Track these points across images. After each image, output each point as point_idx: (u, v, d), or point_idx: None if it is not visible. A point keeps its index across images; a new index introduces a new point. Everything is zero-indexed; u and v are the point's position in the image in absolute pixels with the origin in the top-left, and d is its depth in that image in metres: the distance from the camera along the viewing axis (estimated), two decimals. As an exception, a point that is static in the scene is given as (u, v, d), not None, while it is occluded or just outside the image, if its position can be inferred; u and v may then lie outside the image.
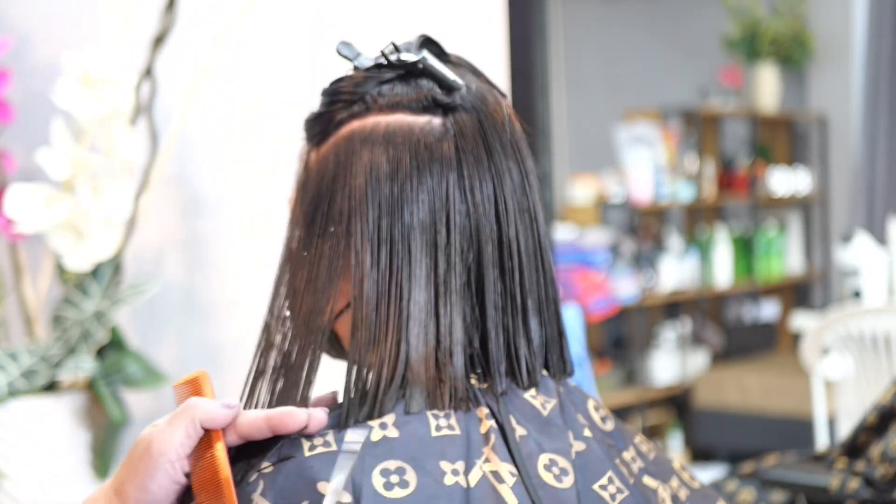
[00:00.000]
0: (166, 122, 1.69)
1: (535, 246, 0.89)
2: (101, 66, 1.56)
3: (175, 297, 1.82)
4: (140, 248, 1.76)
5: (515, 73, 1.91)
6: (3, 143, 1.64)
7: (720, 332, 5.60)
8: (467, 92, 0.88)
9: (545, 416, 0.86)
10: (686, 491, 0.93)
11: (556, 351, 0.91)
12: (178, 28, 1.63)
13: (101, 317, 1.57)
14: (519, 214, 0.88)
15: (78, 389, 1.59)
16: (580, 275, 4.57)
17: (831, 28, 5.90)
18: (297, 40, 1.84)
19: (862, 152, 5.72)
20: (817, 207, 6.05)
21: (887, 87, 5.62)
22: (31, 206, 1.53)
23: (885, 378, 3.07)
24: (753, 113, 5.67)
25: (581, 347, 2.49)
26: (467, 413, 0.83)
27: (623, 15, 5.69)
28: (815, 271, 6.02)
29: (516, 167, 0.89)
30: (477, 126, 0.88)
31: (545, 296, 0.89)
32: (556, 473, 0.83)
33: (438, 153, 0.86)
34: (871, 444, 1.71)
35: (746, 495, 1.84)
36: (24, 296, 1.63)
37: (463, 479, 0.79)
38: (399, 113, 0.88)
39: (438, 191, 0.85)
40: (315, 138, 0.91)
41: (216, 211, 1.84)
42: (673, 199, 5.20)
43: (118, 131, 1.58)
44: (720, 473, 3.87)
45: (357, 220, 0.86)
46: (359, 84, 0.89)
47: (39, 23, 1.75)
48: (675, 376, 5.14)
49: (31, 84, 1.71)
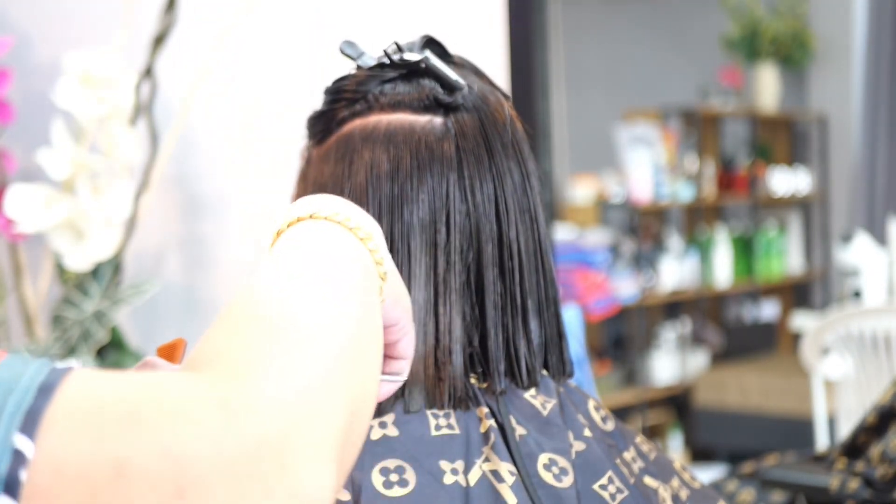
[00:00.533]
0: (166, 122, 1.69)
1: (535, 246, 0.89)
2: (101, 66, 1.56)
3: (175, 297, 1.82)
4: (140, 248, 1.76)
5: (515, 73, 1.91)
6: (3, 143, 1.64)
7: (720, 332, 5.60)
8: (469, 92, 0.88)
9: (545, 416, 0.86)
10: (687, 491, 0.94)
11: (555, 352, 0.91)
12: (178, 28, 1.63)
13: (101, 317, 1.57)
14: (519, 215, 0.88)
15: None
16: (580, 275, 4.57)
17: (831, 28, 5.90)
18: (297, 40, 1.84)
19: (862, 152, 5.72)
20: (817, 207, 6.05)
21: (887, 87, 5.62)
22: (31, 206, 1.53)
23: (885, 378, 3.07)
24: (753, 113, 5.67)
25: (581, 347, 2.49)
26: (467, 412, 0.83)
27: (623, 15, 5.69)
28: (815, 271, 6.02)
29: (517, 168, 0.89)
30: (478, 126, 0.88)
31: (545, 296, 0.90)
32: (556, 473, 0.83)
33: (439, 153, 0.86)
34: (871, 444, 1.71)
35: (746, 495, 1.84)
36: (24, 296, 1.63)
37: (462, 479, 0.80)
38: (401, 112, 0.88)
39: (439, 190, 0.86)
40: (317, 136, 0.91)
41: (216, 211, 1.84)
42: (673, 199, 5.20)
43: (118, 131, 1.58)
44: (720, 473, 3.87)
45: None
46: (361, 83, 0.89)
47: (39, 23, 1.75)
48: (675, 376, 5.14)
49: (31, 84, 1.71)
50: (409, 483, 0.78)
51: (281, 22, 1.84)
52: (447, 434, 0.82)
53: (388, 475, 0.78)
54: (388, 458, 0.79)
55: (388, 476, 0.78)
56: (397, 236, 0.85)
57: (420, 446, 0.80)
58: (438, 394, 0.83)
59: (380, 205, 0.85)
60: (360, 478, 0.77)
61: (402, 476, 0.78)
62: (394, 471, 0.78)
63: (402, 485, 0.78)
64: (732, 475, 1.92)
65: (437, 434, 0.81)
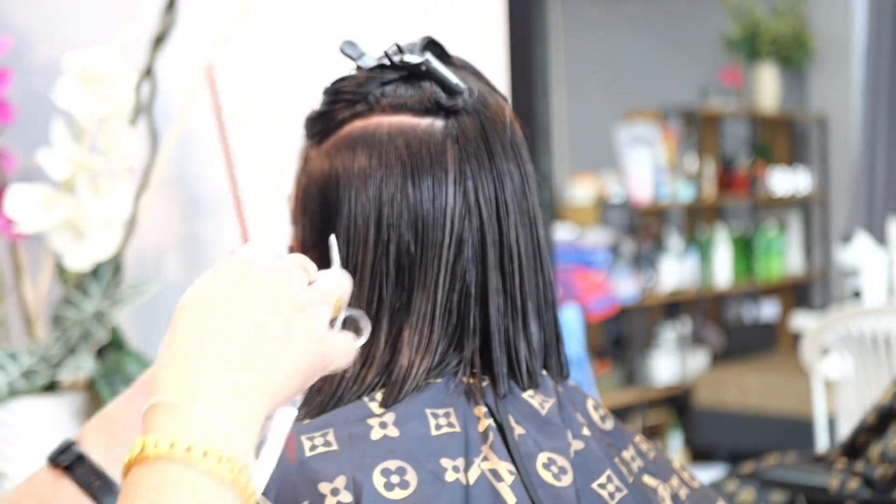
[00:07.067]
0: (166, 122, 1.69)
1: (534, 249, 0.89)
2: (101, 66, 1.56)
3: (175, 297, 1.81)
4: (140, 248, 1.76)
5: (515, 73, 1.91)
6: (3, 143, 1.64)
7: (720, 332, 5.60)
8: (469, 95, 0.88)
9: (543, 416, 0.86)
10: (686, 490, 0.94)
11: (554, 353, 0.91)
12: (178, 28, 1.63)
13: (101, 317, 1.57)
14: (519, 217, 0.88)
15: (78, 389, 1.59)
16: (580, 275, 4.57)
17: (831, 28, 5.90)
18: (298, 40, 1.84)
19: (862, 152, 5.72)
20: (817, 207, 6.05)
21: (887, 87, 5.62)
22: (31, 206, 1.53)
23: (885, 378, 3.07)
24: (753, 113, 5.67)
25: (581, 347, 2.49)
26: (466, 411, 0.83)
27: (623, 15, 5.69)
28: (815, 271, 6.02)
29: (517, 170, 0.89)
30: (479, 129, 0.88)
31: (544, 299, 0.90)
32: (555, 472, 0.83)
33: (441, 156, 0.86)
34: (871, 444, 1.71)
35: (746, 495, 1.84)
36: (24, 296, 1.63)
37: (463, 477, 0.80)
38: (401, 114, 0.88)
39: (440, 193, 0.86)
40: (316, 137, 0.91)
41: (216, 211, 1.84)
42: (673, 199, 5.19)
43: (118, 131, 1.58)
44: (720, 473, 3.87)
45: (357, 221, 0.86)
46: (361, 84, 0.89)
47: (39, 23, 1.75)
48: (675, 376, 5.14)
49: (31, 84, 1.71)
50: (411, 485, 0.78)
51: (281, 22, 1.84)
52: (447, 432, 0.82)
53: (389, 476, 0.78)
54: (389, 459, 0.79)
55: (389, 477, 0.78)
56: (399, 238, 0.85)
57: (421, 446, 0.80)
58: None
59: (380, 208, 0.85)
60: (361, 479, 0.77)
61: (404, 477, 0.78)
62: (395, 472, 0.78)
63: (404, 486, 0.78)
64: (732, 475, 1.92)
65: (437, 434, 0.81)
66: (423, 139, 0.86)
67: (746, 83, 5.80)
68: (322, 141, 0.90)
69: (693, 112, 5.34)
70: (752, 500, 1.83)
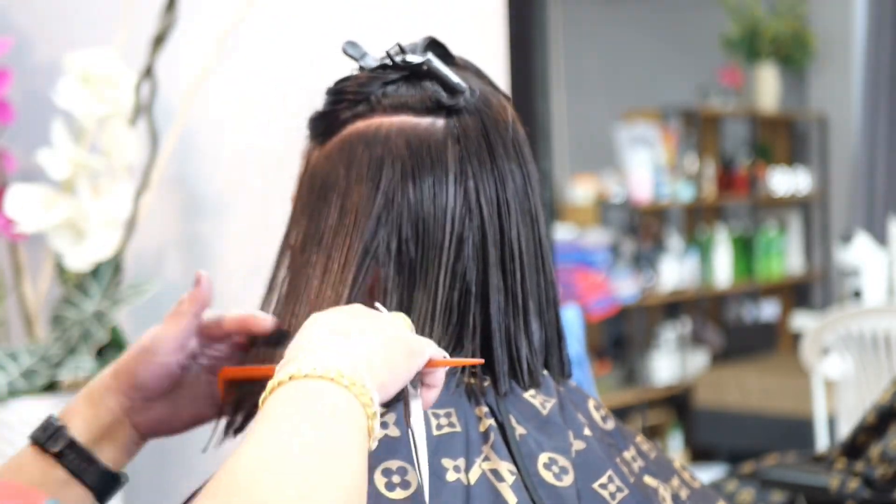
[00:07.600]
0: (166, 122, 1.69)
1: (536, 248, 0.89)
2: (101, 66, 1.56)
3: (175, 297, 1.81)
4: (140, 248, 1.76)
5: (515, 74, 1.91)
6: (3, 143, 1.64)
7: (720, 332, 5.60)
8: (471, 94, 0.88)
9: (544, 416, 0.86)
10: (686, 490, 0.94)
11: (555, 352, 0.91)
12: (178, 28, 1.63)
13: (101, 317, 1.56)
14: (521, 216, 0.88)
15: (78, 389, 1.59)
16: (580, 275, 4.57)
17: (831, 28, 5.90)
18: (298, 40, 1.84)
19: (862, 152, 5.72)
20: (817, 207, 6.05)
21: (887, 87, 5.62)
22: (31, 206, 1.53)
23: (885, 378, 3.07)
24: (753, 113, 5.67)
25: (581, 347, 2.49)
26: (467, 411, 0.83)
27: (623, 15, 5.69)
28: (815, 271, 6.02)
29: (519, 170, 0.89)
30: (480, 128, 0.88)
31: (545, 297, 0.90)
32: (556, 472, 0.83)
33: (442, 155, 0.86)
34: (871, 444, 1.71)
35: (746, 495, 1.84)
36: (24, 296, 1.63)
37: (464, 476, 0.80)
38: (403, 114, 0.87)
39: (441, 192, 0.86)
40: (318, 137, 0.91)
41: (216, 211, 1.84)
42: (673, 199, 5.20)
43: (118, 131, 1.58)
44: (720, 473, 3.87)
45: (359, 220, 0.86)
46: (363, 84, 0.89)
47: (40, 23, 1.75)
48: (675, 376, 5.14)
49: (31, 84, 1.71)
50: (411, 484, 0.78)
51: (281, 22, 1.84)
52: (448, 432, 0.82)
53: (390, 476, 0.78)
54: (391, 459, 0.79)
55: (390, 477, 0.78)
56: (400, 237, 0.85)
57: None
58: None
59: (381, 207, 0.85)
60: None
61: (405, 477, 0.78)
62: (396, 472, 0.78)
63: (405, 486, 0.78)
64: (732, 475, 1.92)
65: (438, 433, 0.81)
66: (424, 138, 0.86)
67: (746, 83, 5.80)
68: (324, 141, 0.90)
69: (693, 112, 5.34)
70: (752, 500, 1.83)
